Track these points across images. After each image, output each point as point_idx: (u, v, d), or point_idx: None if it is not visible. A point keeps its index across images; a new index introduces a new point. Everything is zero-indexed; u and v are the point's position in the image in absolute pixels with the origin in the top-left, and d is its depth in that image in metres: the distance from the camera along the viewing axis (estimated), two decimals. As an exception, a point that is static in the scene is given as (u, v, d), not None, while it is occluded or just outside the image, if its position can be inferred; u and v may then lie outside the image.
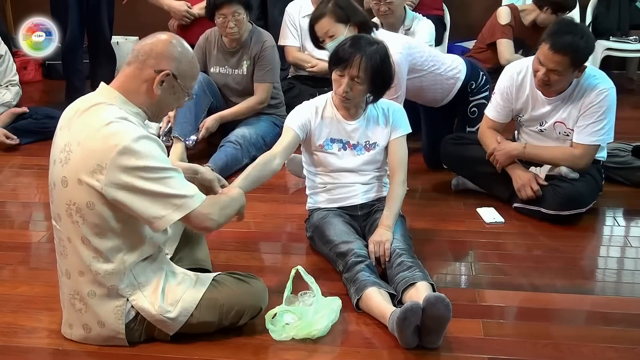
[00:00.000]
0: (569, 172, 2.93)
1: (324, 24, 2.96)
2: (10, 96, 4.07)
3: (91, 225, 1.89)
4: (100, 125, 1.83)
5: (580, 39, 2.68)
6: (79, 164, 1.85)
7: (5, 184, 3.50)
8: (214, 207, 1.94)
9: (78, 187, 1.86)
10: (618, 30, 5.06)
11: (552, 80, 2.77)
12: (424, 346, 2.03)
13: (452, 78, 3.32)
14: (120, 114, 1.86)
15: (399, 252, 2.35)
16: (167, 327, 2.00)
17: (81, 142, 1.85)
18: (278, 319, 2.10)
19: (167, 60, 1.91)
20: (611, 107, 2.86)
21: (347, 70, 2.42)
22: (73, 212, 1.89)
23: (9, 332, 2.15)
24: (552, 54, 2.70)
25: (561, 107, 2.90)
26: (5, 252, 2.69)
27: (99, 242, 1.90)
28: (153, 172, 1.82)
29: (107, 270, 1.92)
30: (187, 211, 1.86)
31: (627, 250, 2.77)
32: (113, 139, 1.81)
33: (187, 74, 1.97)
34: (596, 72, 2.91)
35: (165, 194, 1.84)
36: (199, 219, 1.90)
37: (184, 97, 2.00)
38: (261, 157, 2.48)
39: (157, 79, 1.90)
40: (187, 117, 3.61)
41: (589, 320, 2.27)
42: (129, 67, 1.93)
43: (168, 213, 1.85)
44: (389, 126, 2.60)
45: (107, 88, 1.93)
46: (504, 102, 3.04)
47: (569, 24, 2.78)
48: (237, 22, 3.58)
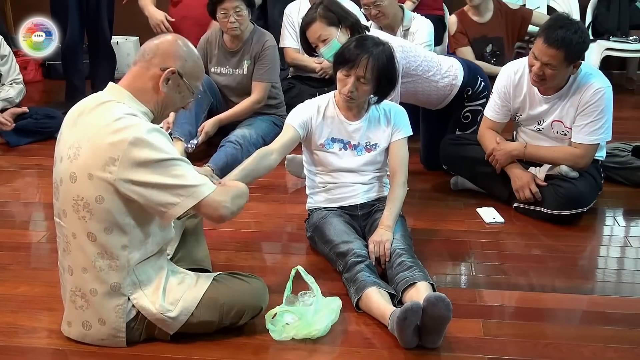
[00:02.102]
0: (569, 171, 2.93)
1: (316, 29, 2.93)
2: (14, 93, 4.08)
3: (99, 220, 1.89)
4: (110, 120, 1.86)
5: (573, 34, 2.69)
6: (90, 159, 1.86)
7: (5, 184, 3.50)
8: (226, 195, 1.95)
9: (87, 182, 1.87)
10: (618, 30, 5.06)
11: (547, 74, 2.78)
12: (424, 346, 2.03)
13: (449, 85, 3.27)
14: (129, 110, 1.89)
15: (399, 252, 2.35)
16: (168, 326, 2.01)
17: (91, 138, 1.87)
18: (278, 319, 2.10)
19: (173, 58, 1.94)
20: (608, 106, 2.87)
21: (354, 70, 2.42)
22: (80, 208, 1.90)
23: (9, 332, 2.15)
24: (546, 47, 2.71)
25: (558, 105, 2.90)
26: (5, 252, 2.69)
27: (106, 238, 1.91)
28: (165, 162, 1.85)
29: (111, 267, 1.93)
30: (200, 198, 1.88)
31: (627, 250, 2.77)
32: (125, 131, 1.83)
33: (193, 73, 1.99)
34: (592, 70, 2.91)
35: (178, 184, 1.86)
36: (213, 206, 1.91)
37: (190, 97, 2.03)
38: (258, 151, 2.48)
39: (163, 77, 1.92)
40: (187, 118, 3.62)
41: (589, 320, 2.26)
42: (135, 66, 1.96)
43: (181, 200, 1.86)
44: (390, 128, 2.60)
45: (116, 87, 1.96)
46: (501, 102, 3.04)
47: (564, 19, 2.78)
48: (239, 18, 3.58)
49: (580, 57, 2.77)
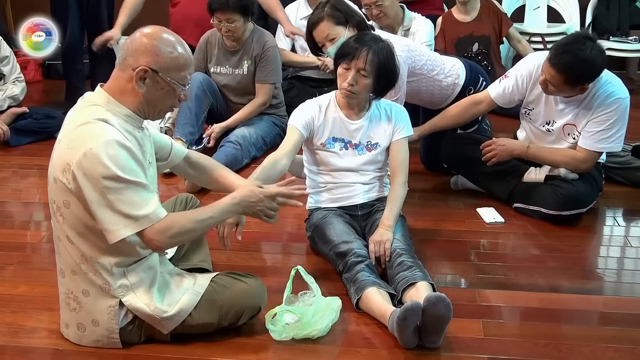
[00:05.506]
0: (568, 173, 2.93)
1: (323, 28, 2.91)
2: (18, 90, 4.10)
3: (70, 225, 1.88)
4: (76, 125, 1.83)
5: (579, 62, 2.63)
6: (56, 162, 1.85)
7: (5, 184, 3.50)
8: (164, 234, 1.85)
9: (54, 186, 1.87)
10: (618, 30, 5.06)
11: (549, 89, 2.78)
12: (424, 346, 2.03)
13: (452, 84, 3.27)
14: (101, 115, 1.83)
15: (399, 252, 2.35)
16: (163, 326, 1.99)
17: (61, 140, 1.86)
18: (278, 319, 2.09)
19: (143, 55, 1.84)
20: (623, 117, 2.82)
21: (354, 62, 2.42)
22: (55, 211, 1.90)
23: (9, 332, 2.15)
24: (548, 66, 2.70)
25: (574, 109, 2.86)
26: (5, 252, 2.69)
27: (81, 241, 1.89)
28: (113, 181, 1.78)
29: (95, 269, 1.91)
30: (136, 229, 1.82)
31: (627, 250, 2.77)
32: (81, 140, 1.79)
33: (170, 66, 1.86)
34: (612, 79, 2.85)
35: (119, 208, 1.79)
36: (145, 240, 1.86)
37: (178, 91, 1.90)
38: (268, 159, 2.48)
39: (135, 77, 1.84)
40: (188, 118, 3.62)
41: (589, 320, 2.27)
42: (116, 68, 1.91)
43: (118, 228, 1.81)
44: (391, 127, 2.60)
45: (98, 89, 1.92)
46: (515, 86, 2.97)
47: (577, 41, 2.68)
48: (232, 27, 3.57)
49: (585, 82, 2.72)
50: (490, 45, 4.40)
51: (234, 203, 2.00)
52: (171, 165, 2.24)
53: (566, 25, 5.08)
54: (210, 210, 1.98)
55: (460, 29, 4.40)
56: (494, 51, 4.44)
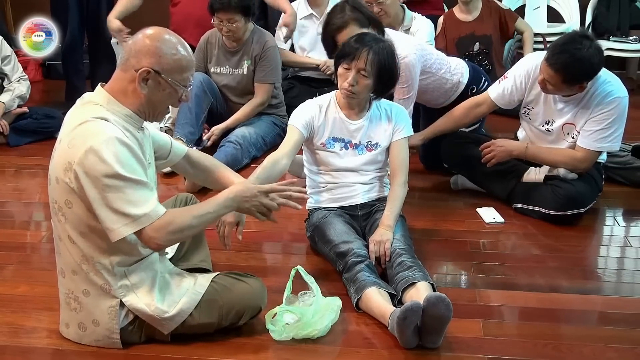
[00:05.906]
0: (567, 174, 2.93)
1: (350, 33, 2.78)
2: (24, 89, 4.10)
3: (72, 224, 1.88)
4: (76, 123, 1.82)
5: (576, 61, 2.63)
6: (57, 162, 1.85)
7: (5, 184, 3.50)
8: (163, 230, 1.84)
9: (56, 186, 1.86)
10: (618, 30, 5.06)
11: (548, 88, 2.78)
12: (424, 346, 2.03)
13: (457, 82, 3.30)
14: (101, 114, 1.83)
15: (399, 252, 2.35)
16: (163, 326, 2.00)
17: (61, 140, 1.86)
18: (278, 319, 2.09)
19: (145, 57, 1.84)
20: (621, 116, 2.82)
21: (354, 62, 2.42)
22: (57, 211, 1.90)
23: (9, 332, 2.15)
24: (546, 66, 2.70)
25: (573, 108, 2.87)
26: (5, 252, 2.69)
27: (82, 241, 1.89)
28: (113, 179, 1.77)
29: (96, 269, 1.91)
30: (136, 228, 1.82)
31: (627, 250, 2.77)
32: (82, 138, 1.79)
33: (173, 68, 1.87)
34: (611, 78, 2.85)
35: (119, 207, 1.79)
36: (144, 239, 1.85)
37: (180, 92, 1.91)
38: (268, 159, 2.47)
39: (138, 78, 1.84)
40: (188, 118, 3.62)
41: (589, 320, 2.27)
42: (117, 69, 1.91)
43: (118, 227, 1.81)
44: (391, 127, 2.60)
45: (99, 89, 1.92)
46: (515, 87, 2.97)
47: (574, 40, 2.68)
48: (233, 27, 3.57)
49: (583, 81, 2.72)
50: (491, 45, 4.40)
51: (229, 197, 2.00)
52: (171, 163, 2.25)
53: (566, 25, 5.08)
54: (208, 206, 1.98)
55: (461, 28, 4.40)
56: (495, 51, 4.44)
